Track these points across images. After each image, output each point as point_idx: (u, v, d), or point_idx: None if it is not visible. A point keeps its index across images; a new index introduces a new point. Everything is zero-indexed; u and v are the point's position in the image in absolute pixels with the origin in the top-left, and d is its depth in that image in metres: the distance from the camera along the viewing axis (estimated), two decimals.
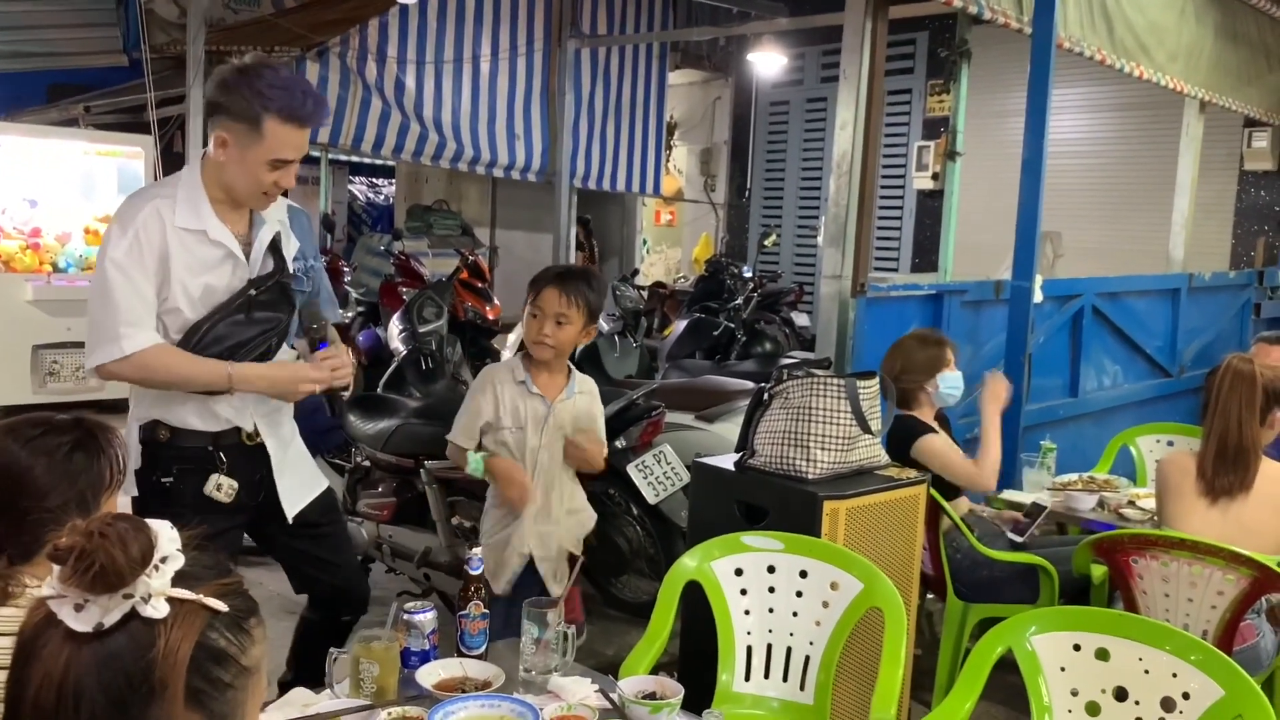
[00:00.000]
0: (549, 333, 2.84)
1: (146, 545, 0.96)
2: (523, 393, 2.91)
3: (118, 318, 2.36)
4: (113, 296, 2.37)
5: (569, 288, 2.85)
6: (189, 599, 0.97)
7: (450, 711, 1.89)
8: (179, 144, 9.34)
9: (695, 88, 11.76)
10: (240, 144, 2.40)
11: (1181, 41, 5.49)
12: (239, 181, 2.45)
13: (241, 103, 2.38)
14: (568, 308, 2.84)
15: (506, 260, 11.56)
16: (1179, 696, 2.06)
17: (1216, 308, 6.43)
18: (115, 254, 2.38)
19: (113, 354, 2.38)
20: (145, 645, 0.94)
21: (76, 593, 0.94)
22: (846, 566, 2.56)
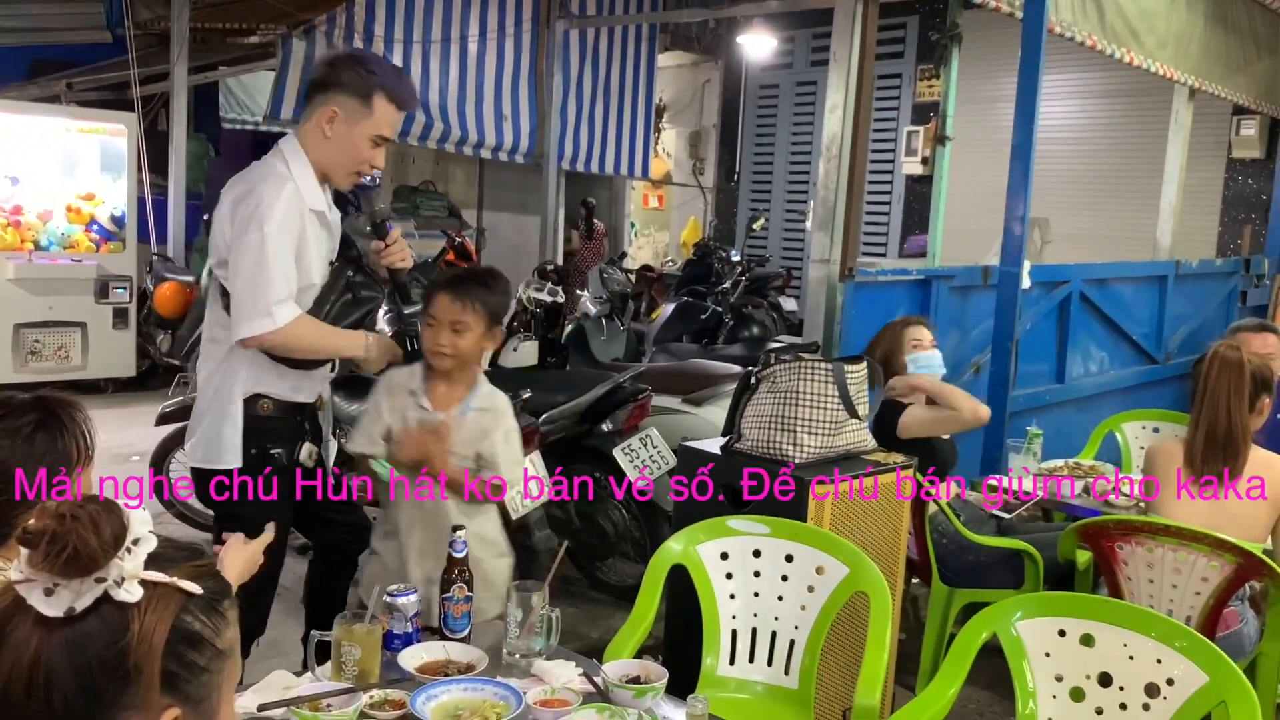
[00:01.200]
0: (445, 342, 2.54)
1: (119, 527, 0.94)
2: (413, 405, 2.61)
3: (271, 291, 2.51)
4: (266, 269, 2.51)
5: (462, 293, 2.56)
6: (162, 581, 0.95)
7: (433, 695, 1.88)
8: (163, 122, 9.27)
9: (684, 70, 11.71)
10: (350, 118, 2.59)
11: (1171, 28, 5.48)
12: (342, 156, 2.63)
13: (356, 79, 2.58)
14: (463, 314, 2.54)
15: (494, 242, 11.50)
16: (1163, 682, 2.06)
17: (1203, 295, 6.45)
18: (269, 229, 2.51)
19: (265, 327, 2.52)
20: (119, 629, 0.92)
21: (46, 577, 0.91)
22: (832, 551, 2.55)
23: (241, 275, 2.53)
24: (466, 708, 1.86)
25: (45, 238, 7.40)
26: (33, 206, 7.37)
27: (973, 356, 4.77)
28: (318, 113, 2.61)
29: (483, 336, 2.61)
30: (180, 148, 7.92)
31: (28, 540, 0.92)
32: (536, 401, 3.86)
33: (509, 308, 2.67)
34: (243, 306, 2.53)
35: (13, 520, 1.52)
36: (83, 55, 9.89)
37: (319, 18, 7.89)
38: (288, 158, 2.63)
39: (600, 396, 4.06)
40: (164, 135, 8.63)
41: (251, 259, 2.51)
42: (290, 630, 3.85)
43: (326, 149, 2.62)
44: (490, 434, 2.61)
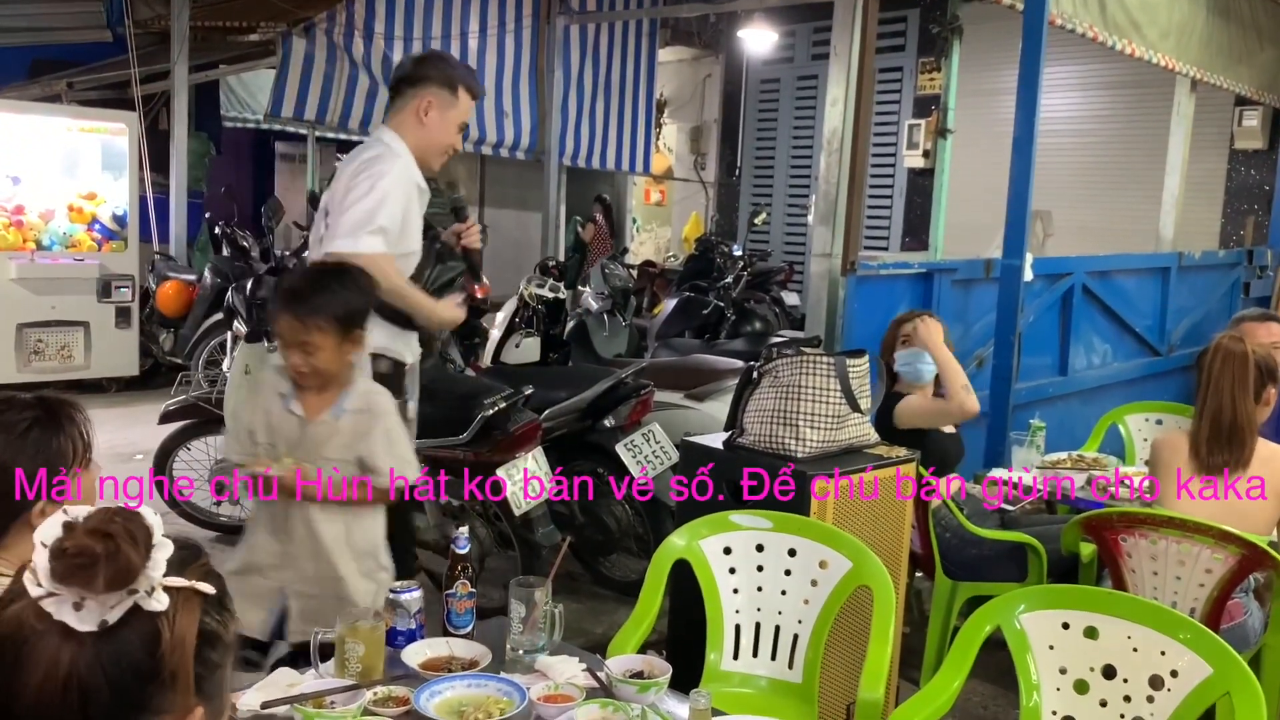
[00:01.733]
0: (299, 362, 2.40)
1: (148, 536, 0.95)
2: (280, 406, 2.48)
3: (369, 220, 2.74)
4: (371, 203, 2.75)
5: (302, 309, 2.37)
6: (183, 586, 0.95)
7: (436, 691, 1.88)
8: (164, 120, 9.28)
9: (685, 65, 11.69)
10: (442, 108, 2.93)
11: (1173, 19, 5.46)
12: (436, 141, 2.95)
13: (443, 74, 2.93)
14: (307, 333, 2.38)
15: (495, 238, 11.47)
16: (1167, 674, 2.06)
17: (1206, 287, 6.44)
18: (384, 181, 2.78)
19: (352, 247, 2.71)
20: (152, 638, 0.92)
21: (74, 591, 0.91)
22: (835, 545, 2.55)
23: (348, 205, 2.77)
24: (470, 704, 1.86)
25: (47, 237, 7.41)
26: (35, 206, 7.37)
27: (975, 350, 4.76)
28: (412, 104, 2.93)
29: (339, 347, 2.41)
30: (181, 146, 7.92)
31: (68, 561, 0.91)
32: (539, 397, 3.86)
33: (367, 302, 2.50)
34: (341, 227, 2.76)
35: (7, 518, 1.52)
36: (83, 54, 9.89)
37: (319, 15, 7.88)
38: (389, 142, 2.92)
39: (602, 392, 4.06)
40: (165, 134, 8.64)
41: (359, 193, 2.78)
42: None
43: (423, 134, 2.94)
44: (369, 436, 2.46)
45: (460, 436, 3.63)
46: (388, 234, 2.79)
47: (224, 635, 1.00)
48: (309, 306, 2.38)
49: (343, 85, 8.10)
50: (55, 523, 0.94)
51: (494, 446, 3.63)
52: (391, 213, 2.79)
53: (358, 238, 2.73)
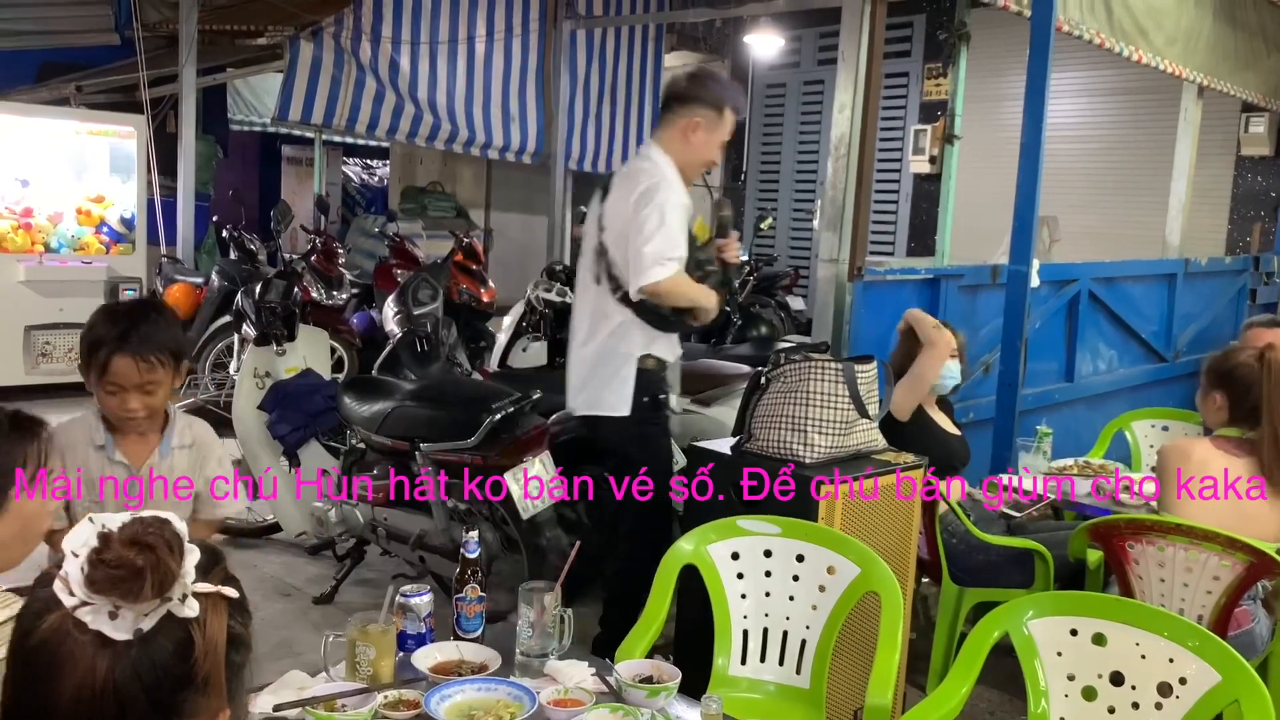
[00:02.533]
0: (136, 406, 2.28)
1: (180, 544, 0.96)
2: (101, 459, 2.34)
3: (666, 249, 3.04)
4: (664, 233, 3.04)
5: (144, 349, 2.24)
6: (211, 592, 0.97)
7: (446, 694, 1.89)
8: (171, 123, 9.30)
9: None
10: (708, 128, 3.13)
11: (1180, 25, 5.46)
12: (699, 158, 3.17)
13: (712, 95, 3.11)
14: (152, 373, 2.26)
15: (501, 243, 11.50)
16: (1175, 681, 2.06)
17: (1212, 293, 6.43)
18: (668, 207, 3.06)
19: (659, 275, 3.04)
20: (186, 644, 0.94)
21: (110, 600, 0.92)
22: (843, 551, 2.55)
23: (643, 237, 3.05)
24: (480, 707, 1.87)
25: (55, 240, 7.43)
26: (43, 209, 7.40)
27: (982, 355, 4.76)
28: (680, 122, 3.15)
29: (173, 382, 2.34)
30: (189, 149, 7.94)
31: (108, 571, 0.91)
32: (546, 402, 3.86)
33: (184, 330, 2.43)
34: (644, 260, 3.05)
35: None
36: (91, 58, 9.93)
37: (326, 19, 7.91)
38: (657, 161, 3.17)
39: None
40: (173, 137, 8.66)
41: (652, 226, 3.05)
42: (303, 631, 3.88)
43: (687, 151, 3.16)
44: (204, 467, 2.42)
45: (468, 440, 3.64)
46: (681, 260, 3.11)
47: (246, 637, 1.01)
48: (150, 344, 2.25)
49: (350, 89, 8.12)
50: (87, 531, 0.94)
51: (501, 450, 3.64)
52: (679, 240, 3.09)
53: (659, 270, 3.05)
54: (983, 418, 4.54)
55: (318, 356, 4.63)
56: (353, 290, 7.70)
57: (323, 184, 11.13)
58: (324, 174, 11.32)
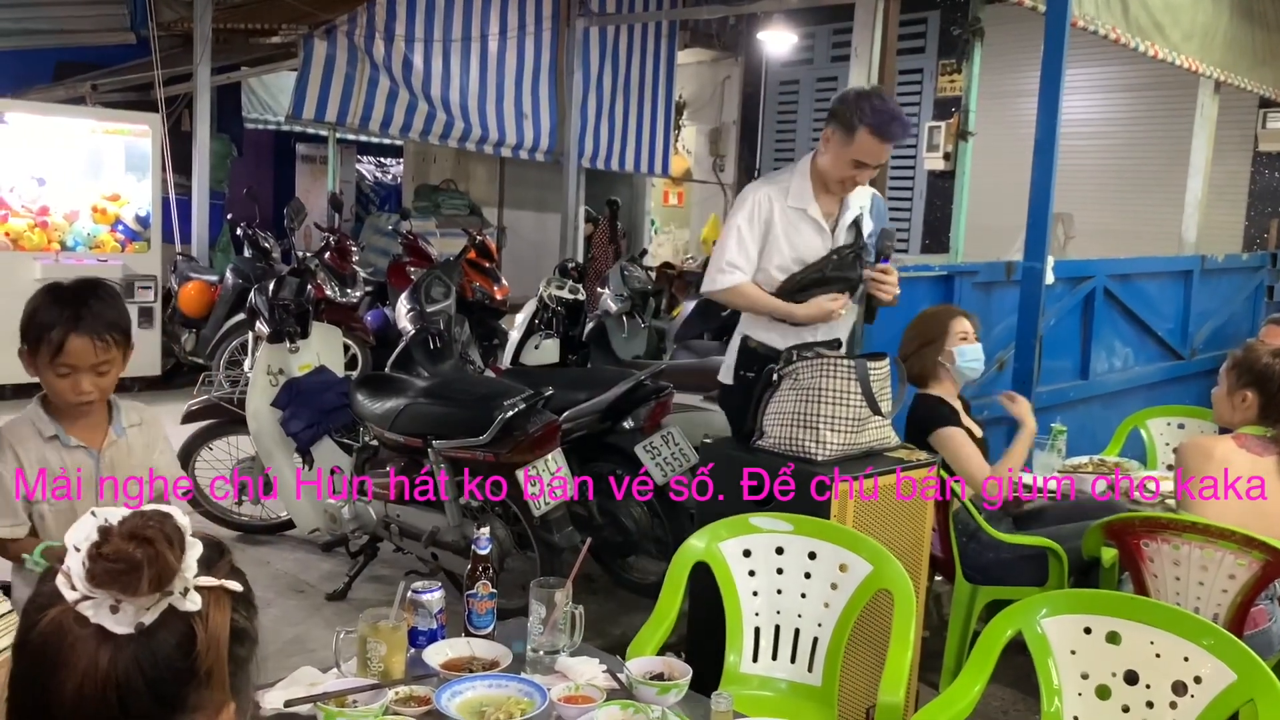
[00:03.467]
0: (89, 389, 2.22)
1: (181, 538, 0.96)
2: (56, 449, 2.27)
3: (722, 260, 3.24)
4: (726, 246, 3.25)
5: (97, 328, 2.18)
6: (214, 585, 0.97)
7: (457, 691, 1.89)
8: (186, 122, 9.35)
9: (704, 67, 11.69)
10: (836, 144, 3.19)
11: (1197, 20, 5.42)
12: (829, 171, 3.23)
13: (846, 114, 3.15)
14: (106, 352, 2.21)
15: (514, 240, 11.51)
16: (1190, 680, 2.05)
17: (1229, 290, 6.39)
18: (738, 219, 3.25)
19: (710, 286, 3.31)
20: (188, 639, 0.94)
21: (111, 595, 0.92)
22: (855, 548, 2.54)
23: (719, 244, 3.29)
24: (491, 704, 1.87)
25: (71, 238, 7.47)
26: (59, 207, 7.44)
27: (997, 353, 4.74)
28: (823, 133, 3.25)
29: (123, 362, 2.29)
30: (204, 148, 7.98)
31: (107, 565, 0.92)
32: (558, 399, 3.87)
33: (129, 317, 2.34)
34: (708, 269, 3.33)
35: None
36: (107, 57, 9.98)
37: (340, 17, 7.93)
38: (797, 166, 3.33)
39: (622, 394, 4.06)
40: (188, 135, 8.70)
41: (727, 226, 3.29)
42: (316, 627, 3.89)
43: (822, 162, 3.26)
44: (154, 447, 2.40)
45: (480, 438, 3.64)
46: (742, 267, 3.24)
47: (251, 631, 1.01)
48: (103, 323, 2.19)
49: (363, 87, 8.14)
50: (88, 525, 0.94)
51: (514, 447, 3.64)
52: (741, 246, 3.23)
53: (721, 278, 3.25)
54: (997, 415, 4.51)
55: (331, 354, 4.64)
56: (366, 288, 7.71)
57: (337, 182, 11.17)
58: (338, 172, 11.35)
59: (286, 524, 4.66)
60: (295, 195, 11.16)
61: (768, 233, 3.25)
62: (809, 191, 3.27)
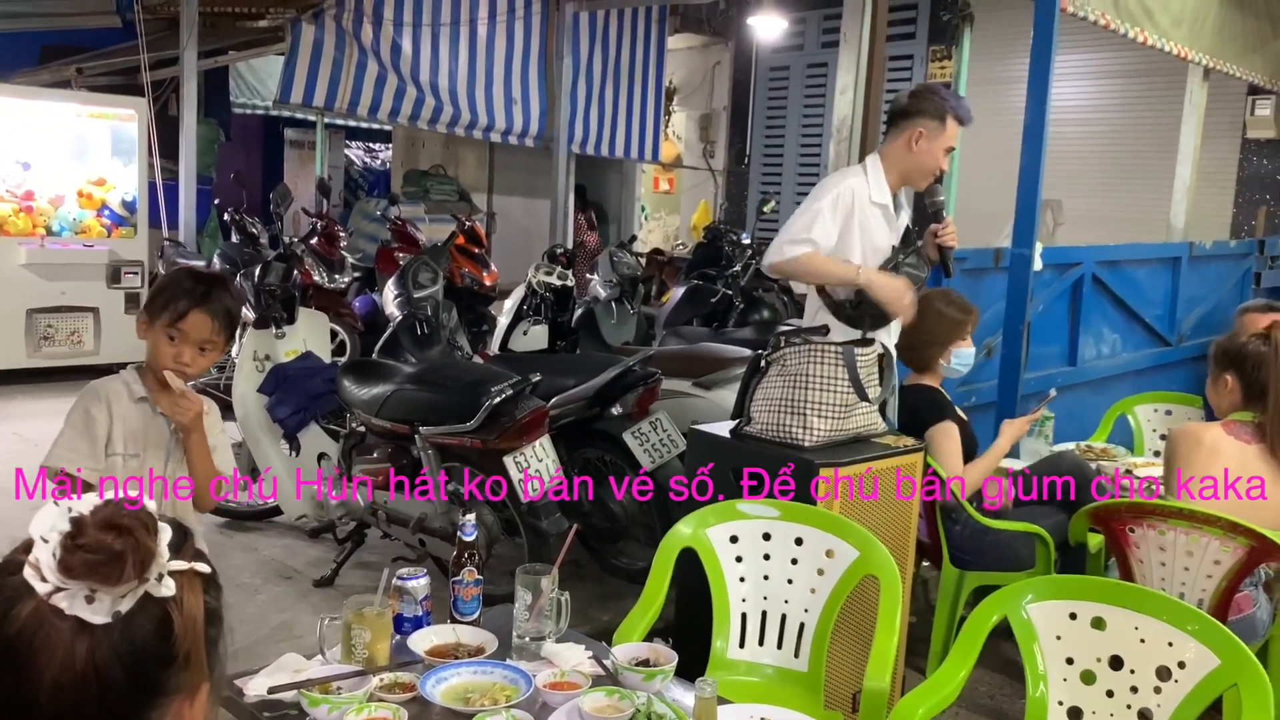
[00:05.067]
0: (189, 361, 2.36)
1: (155, 523, 0.95)
2: (145, 412, 2.42)
3: (792, 233, 3.22)
4: (798, 219, 3.25)
5: (218, 310, 2.37)
6: (185, 569, 0.96)
7: (442, 677, 1.89)
8: (173, 106, 9.28)
9: (694, 52, 11.65)
10: (931, 136, 3.27)
11: (1186, 6, 5.41)
12: (924, 165, 3.30)
13: (935, 106, 3.27)
14: (217, 334, 2.38)
15: (504, 226, 11.48)
16: (1174, 665, 2.05)
17: (1217, 277, 6.40)
18: (819, 202, 3.25)
19: (775, 257, 3.25)
20: (166, 623, 0.93)
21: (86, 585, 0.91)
22: (842, 534, 2.55)
23: (799, 217, 3.26)
24: (476, 690, 1.87)
25: (57, 223, 7.43)
26: (44, 192, 7.39)
27: (985, 339, 4.74)
28: (905, 135, 3.30)
29: (221, 354, 2.47)
30: (190, 132, 7.93)
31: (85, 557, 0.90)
32: (546, 385, 3.86)
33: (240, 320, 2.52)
34: (774, 243, 3.27)
35: None
36: (93, 40, 9.90)
37: (328, 1, 7.87)
38: (868, 164, 3.37)
39: (610, 380, 4.05)
40: (174, 120, 8.63)
41: (797, 213, 3.28)
42: (303, 613, 3.89)
43: (911, 160, 3.30)
44: (213, 430, 2.49)
45: (467, 424, 3.64)
46: (817, 242, 3.20)
47: (220, 611, 1.01)
48: (223, 308, 2.39)
49: (351, 71, 8.09)
50: (54, 515, 0.93)
51: (501, 434, 3.63)
52: (822, 228, 3.21)
53: (781, 250, 3.22)
54: (985, 401, 4.52)
55: (318, 339, 4.62)
56: (354, 274, 7.69)
57: (325, 167, 11.11)
58: (326, 157, 11.29)
59: (274, 510, 4.65)
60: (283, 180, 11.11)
61: (848, 223, 3.27)
62: (886, 188, 3.33)
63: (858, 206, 3.27)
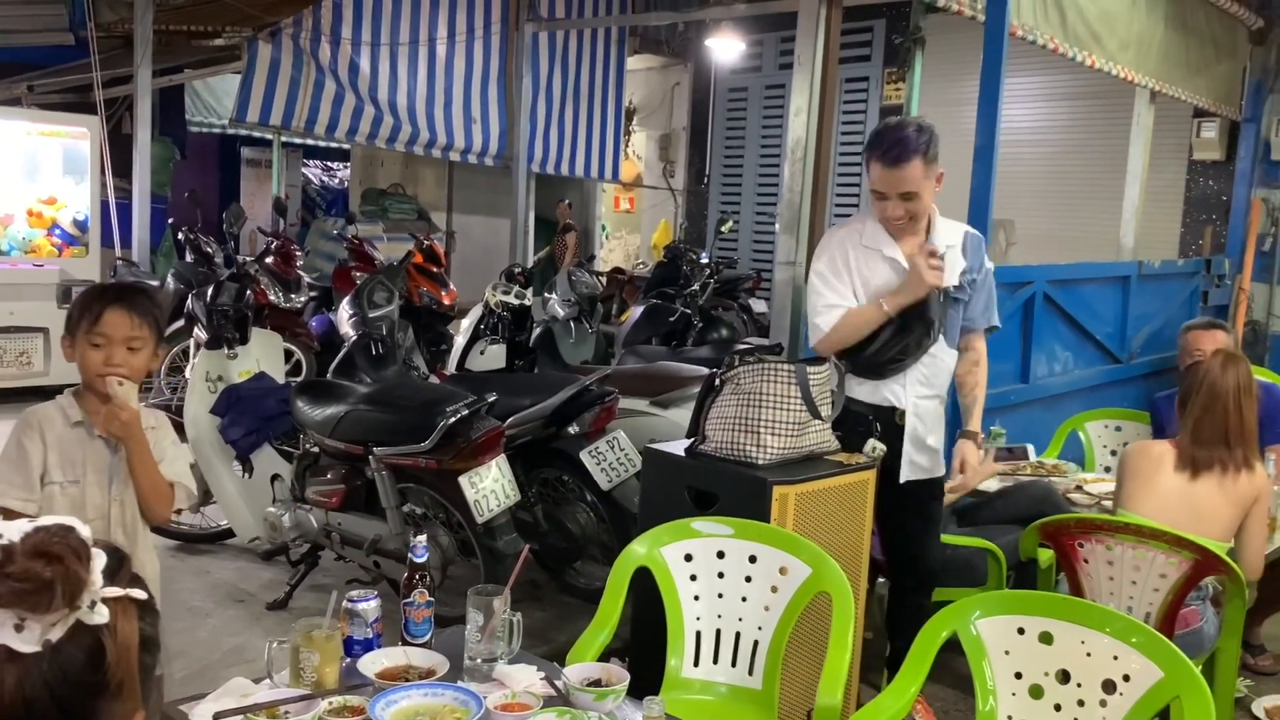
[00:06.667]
0: (120, 361, 2.32)
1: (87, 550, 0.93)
2: (81, 437, 2.37)
3: (818, 306, 3.15)
4: (816, 292, 3.17)
5: (138, 307, 2.36)
6: (120, 596, 0.95)
7: (392, 700, 1.87)
8: (128, 124, 9.18)
9: (654, 73, 11.72)
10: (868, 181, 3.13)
11: (1132, 31, 5.53)
12: (874, 208, 3.15)
13: (867, 147, 3.11)
14: (139, 329, 2.35)
15: (464, 245, 11.47)
16: (1120, 678, 2.08)
17: (1166, 295, 6.51)
18: (820, 270, 3.19)
19: (817, 336, 3.17)
20: (98, 652, 0.91)
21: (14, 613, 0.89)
22: (795, 551, 2.56)
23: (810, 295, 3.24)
24: (426, 713, 1.85)
25: (6, 242, 7.31)
26: None
27: None
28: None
29: (152, 355, 2.41)
30: (144, 151, 7.85)
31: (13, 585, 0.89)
32: (502, 405, 3.85)
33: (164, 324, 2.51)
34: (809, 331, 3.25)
35: None
36: (45, 57, 9.78)
37: (285, 20, 7.84)
38: (863, 213, 3.31)
39: (567, 399, 4.05)
40: (128, 138, 8.54)
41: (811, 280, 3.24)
42: (255, 637, 3.83)
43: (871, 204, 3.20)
44: (162, 449, 2.45)
45: (422, 444, 3.61)
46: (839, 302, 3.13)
47: (156, 638, 1.00)
48: (139, 304, 2.37)
49: (309, 90, 8.06)
50: None
51: (456, 454, 3.62)
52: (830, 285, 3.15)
53: (817, 327, 3.17)
54: None
55: (271, 360, 4.58)
56: (311, 293, 7.63)
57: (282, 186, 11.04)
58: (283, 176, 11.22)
59: (226, 533, 4.59)
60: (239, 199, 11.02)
61: (849, 271, 3.17)
62: (882, 231, 3.16)
63: (852, 254, 3.17)
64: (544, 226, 10.90)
